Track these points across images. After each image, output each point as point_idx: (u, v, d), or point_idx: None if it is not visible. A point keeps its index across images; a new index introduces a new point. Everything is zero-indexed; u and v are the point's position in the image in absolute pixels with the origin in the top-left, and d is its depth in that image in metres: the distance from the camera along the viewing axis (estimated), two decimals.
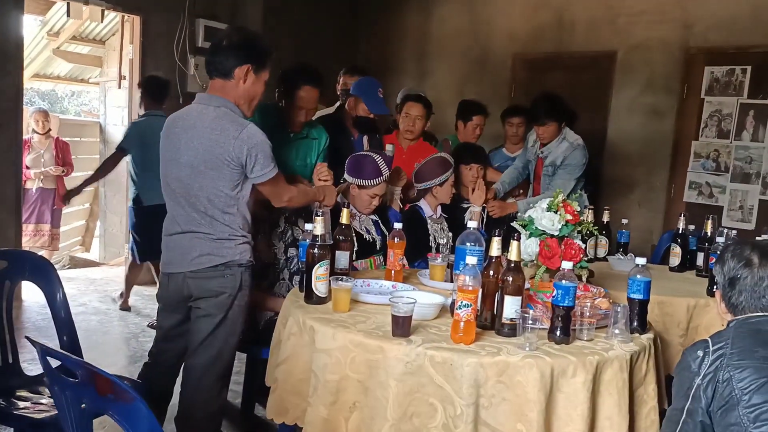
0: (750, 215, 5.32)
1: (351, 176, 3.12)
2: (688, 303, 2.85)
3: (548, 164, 3.97)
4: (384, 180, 3.11)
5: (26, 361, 2.96)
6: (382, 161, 3.10)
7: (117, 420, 1.44)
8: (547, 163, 3.97)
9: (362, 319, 2.10)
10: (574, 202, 2.42)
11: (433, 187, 3.48)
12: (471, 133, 4.42)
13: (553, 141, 3.95)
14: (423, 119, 3.98)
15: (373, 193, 3.12)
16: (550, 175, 3.97)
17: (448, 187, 3.49)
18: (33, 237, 6.13)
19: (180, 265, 2.47)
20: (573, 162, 3.88)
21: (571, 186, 3.86)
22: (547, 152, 3.97)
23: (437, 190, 3.48)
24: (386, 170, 3.10)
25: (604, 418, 1.92)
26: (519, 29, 6.33)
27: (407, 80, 6.56)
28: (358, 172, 3.11)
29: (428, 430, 1.82)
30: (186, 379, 2.53)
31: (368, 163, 3.10)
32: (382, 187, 3.13)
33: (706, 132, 5.51)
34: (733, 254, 1.82)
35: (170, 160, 2.48)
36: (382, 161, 3.10)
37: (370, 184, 3.09)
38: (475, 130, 4.43)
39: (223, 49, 2.45)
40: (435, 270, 2.69)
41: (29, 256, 2.65)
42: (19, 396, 2.32)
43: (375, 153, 3.16)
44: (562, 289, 1.96)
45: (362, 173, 3.09)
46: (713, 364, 1.67)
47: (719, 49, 5.39)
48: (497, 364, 1.82)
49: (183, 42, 5.53)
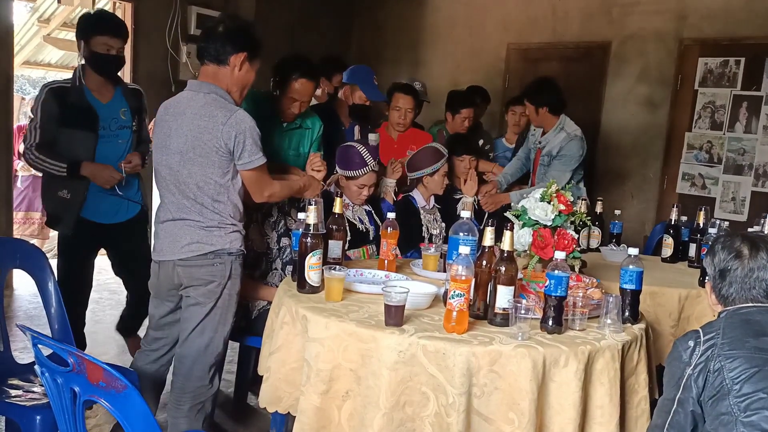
0: (742, 207, 5.34)
1: (339, 168, 3.15)
2: (680, 293, 2.86)
3: (545, 154, 3.92)
4: (371, 170, 3.11)
5: (18, 350, 2.95)
6: (366, 151, 3.10)
7: (109, 408, 1.44)
8: (544, 153, 3.93)
9: (355, 309, 2.10)
10: (567, 192, 2.43)
11: (423, 176, 3.47)
12: (459, 125, 4.40)
13: (550, 131, 3.90)
14: (413, 111, 3.98)
15: (361, 184, 3.13)
16: (546, 165, 3.92)
17: (439, 177, 3.48)
18: (23, 225, 6.10)
19: (170, 252, 2.46)
20: (569, 153, 3.83)
21: (566, 178, 3.80)
22: (545, 142, 3.92)
23: (428, 179, 3.48)
24: (371, 160, 3.11)
25: (596, 407, 1.93)
26: (513, 19, 6.32)
27: (401, 70, 6.54)
28: (345, 164, 3.12)
29: (421, 418, 1.83)
30: (178, 367, 2.53)
31: (353, 154, 3.11)
32: (369, 177, 3.13)
33: (699, 123, 5.53)
34: (723, 246, 1.83)
35: (161, 147, 2.47)
36: (366, 151, 3.10)
37: (355, 174, 3.10)
38: (463, 123, 4.40)
39: (219, 35, 2.43)
40: (428, 260, 2.69)
41: (20, 244, 2.64)
42: (10, 384, 2.31)
43: (359, 144, 3.17)
44: (554, 279, 1.96)
45: (348, 164, 3.11)
46: (704, 354, 1.68)
47: (713, 40, 5.39)
48: (490, 353, 1.82)
49: (175, 30, 5.48)
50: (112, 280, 5.33)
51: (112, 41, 2.98)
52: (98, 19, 3.10)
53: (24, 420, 2.10)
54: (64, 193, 3.02)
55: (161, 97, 2.58)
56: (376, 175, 3.20)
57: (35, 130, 2.95)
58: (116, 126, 3.09)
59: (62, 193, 3.02)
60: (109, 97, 3.09)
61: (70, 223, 3.06)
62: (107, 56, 2.98)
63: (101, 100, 3.06)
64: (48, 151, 2.95)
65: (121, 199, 3.13)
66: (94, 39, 2.95)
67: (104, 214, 3.14)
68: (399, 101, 3.92)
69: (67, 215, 3.05)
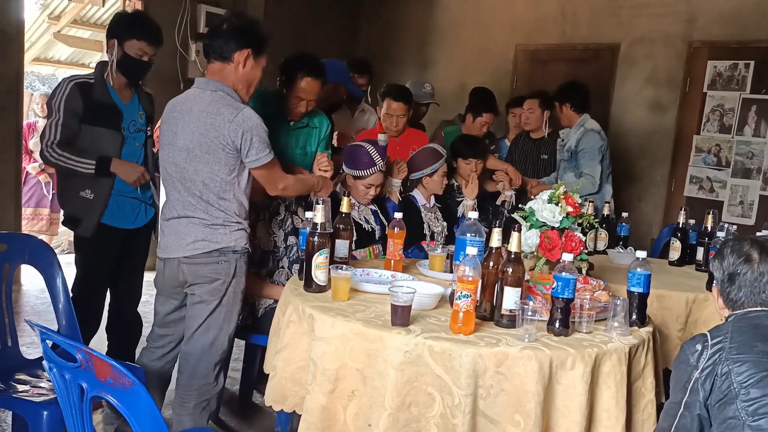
0: (750, 211, 5.32)
1: (347, 167, 3.15)
2: (687, 297, 2.85)
3: (565, 149, 4.13)
4: (379, 170, 3.12)
5: (25, 345, 2.97)
6: (375, 151, 3.11)
7: (116, 404, 1.45)
8: (565, 148, 4.14)
9: (361, 308, 2.10)
10: (575, 195, 2.43)
11: (423, 177, 3.50)
12: (477, 129, 4.32)
13: (573, 128, 4.16)
14: (405, 116, 3.80)
15: (368, 183, 3.13)
16: (566, 160, 4.10)
17: (438, 178, 3.51)
18: (31, 221, 6.13)
19: (175, 250, 2.46)
20: (587, 146, 4.02)
21: (599, 169, 4.01)
22: (566, 138, 4.15)
23: (427, 180, 3.52)
24: (380, 160, 3.11)
25: (602, 411, 1.92)
26: (521, 20, 6.30)
27: (408, 70, 6.55)
28: (353, 163, 3.12)
29: (426, 419, 1.83)
30: (183, 365, 2.54)
31: (362, 153, 3.11)
32: (377, 177, 3.14)
33: (707, 126, 5.50)
34: (732, 250, 1.82)
35: (167, 144, 2.48)
36: (375, 151, 3.11)
37: (364, 174, 3.11)
38: (482, 127, 4.32)
39: (223, 32, 2.45)
40: (434, 260, 2.69)
41: (29, 240, 2.64)
42: (18, 379, 2.32)
43: (368, 143, 3.16)
44: (561, 281, 1.96)
45: (356, 164, 3.11)
46: (712, 357, 1.67)
47: (722, 43, 5.37)
48: (496, 355, 1.82)
49: (184, 28, 5.50)
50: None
51: (147, 48, 2.89)
52: (136, 23, 2.97)
53: (31, 415, 2.10)
54: (86, 193, 2.86)
55: (170, 95, 2.59)
56: (383, 175, 3.20)
57: (56, 127, 2.79)
58: (134, 128, 2.98)
59: (85, 194, 2.86)
60: (129, 98, 2.99)
61: (91, 226, 2.88)
62: (140, 61, 2.89)
63: (123, 100, 2.96)
64: (71, 148, 2.80)
65: (139, 202, 3.01)
66: (130, 42, 2.84)
67: (125, 219, 2.99)
68: (391, 107, 3.76)
69: (89, 217, 2.87)
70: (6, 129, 4.67)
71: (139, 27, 2.92)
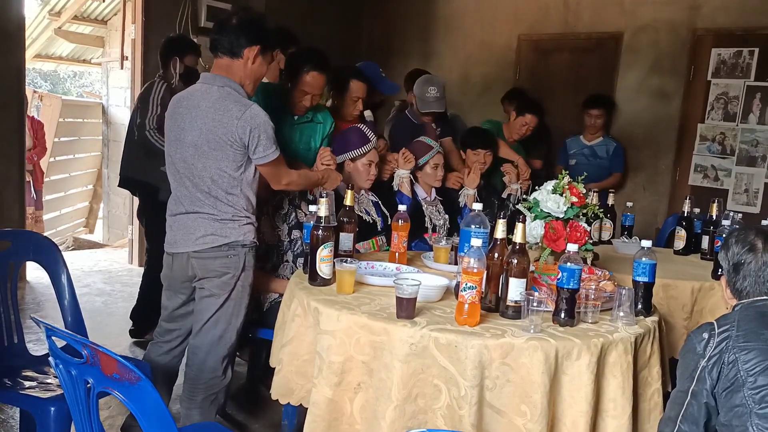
0: (755, 199, 5.29)
1: (342, 153, 3.12)
2: (693, 286, 2.84)
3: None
4: (374, 145, 3.15)
5: (31, 342, 2.98)
6: (365, 127, 3.16)
7: (123, 400, 1.45)
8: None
9: (367, 301, 2.10)
10: (579, 185, 2.42)
11: (414, 172, 3.50)
12: (517, 128, 4.33)
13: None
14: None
15: (368, 160, 3.13)
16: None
17: (431, 170, 3.51)
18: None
19: (184, 244, 2.47)
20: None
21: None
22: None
23: (419, 173, 3.52)
24: (372, 135, 3.15)
25: (608, 400, 1.92)
26: (524, 10, 6.27)
27: (411, 61, 6.51)
28: (346, 145, 3.12)
29: (433, 411, 1.83)
30: (191, 358, 2.55)
31: (352, 132, 3.13)
32: (373, 153, 3.15)
33: (712, 115, 5.47)
34: (737, 240, 1.81)
35: (175, 140, 2.47)
36: (365, 127, 3.16)
37: (361, 152, 3.11)
38: (521, 128, 4.31)
39: (233, 27, 2.44)
40: (439, 252, 2.69)
41: (34, 237, 2.65)
42: (24, 376, 2.33)
43: (356, 123, 3.19)
44: (566, 271, 1.96)
45: (351, 144, 3.11)
46: (718, 346, 1.67)
47: (727, 30, 5.33)
48: (502, 346, 1.82)
49: (186, 22, 5.48)
50: (123, 272, 5.38)
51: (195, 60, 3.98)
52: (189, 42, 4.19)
53: (38, 411, 2.11)
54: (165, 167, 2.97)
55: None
56: (377, 152, 3.20)
57: (154, 118, 3.66)
58: None
59: (163, 168, 2.85)
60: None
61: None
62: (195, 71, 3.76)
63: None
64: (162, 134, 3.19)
65: None
66: (189, 57, 3.92)
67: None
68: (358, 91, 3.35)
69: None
70: (9, 126, 4.67)
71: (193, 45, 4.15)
